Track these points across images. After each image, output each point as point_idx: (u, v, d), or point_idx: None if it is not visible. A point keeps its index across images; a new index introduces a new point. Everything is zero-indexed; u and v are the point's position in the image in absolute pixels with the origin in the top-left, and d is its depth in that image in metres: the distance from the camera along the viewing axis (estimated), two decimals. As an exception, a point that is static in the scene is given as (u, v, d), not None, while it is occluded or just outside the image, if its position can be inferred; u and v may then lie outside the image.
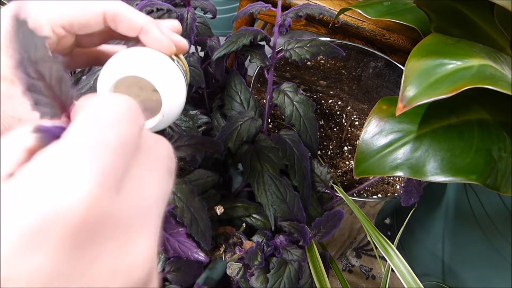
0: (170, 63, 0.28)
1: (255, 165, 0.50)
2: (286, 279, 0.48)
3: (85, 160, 0.13)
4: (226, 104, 0.57)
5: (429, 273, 0.78)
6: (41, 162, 0.13)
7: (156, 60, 0.28)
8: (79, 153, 0.13)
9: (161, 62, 0.28)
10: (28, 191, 0.12)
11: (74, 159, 0.13)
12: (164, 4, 0.51)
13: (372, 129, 0.44)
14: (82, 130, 0.14)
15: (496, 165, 0.41)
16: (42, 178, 0.13)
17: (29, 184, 0.13)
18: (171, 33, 0.29)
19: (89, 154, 0.14)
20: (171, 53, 0.29)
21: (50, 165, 0.13)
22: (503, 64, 0.39)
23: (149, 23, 0.27)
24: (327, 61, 0.78)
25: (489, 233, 0.63)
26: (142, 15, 0.28)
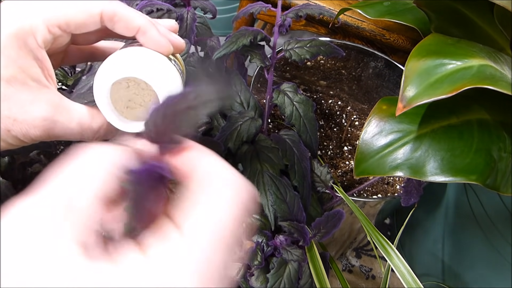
0: (167, 64, 0.28)
1: (255, 165, 0.50)
2: (286, 279, 0.48)
3: (203, 273, 0.16)
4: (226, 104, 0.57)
5: (429, 273, 0.78)
6: (159, 259, 0.16)
7: (153, 61, 0.27)
8: (197, 265, 0.16)
9: (158, 63, 0.28)
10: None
11: (191, 267, 0.16)
12: (164, 4, 0.51)
13: (372, 129, 0.44)
14: (205, 232, 0.17)
15: (496, 165, 0.41)
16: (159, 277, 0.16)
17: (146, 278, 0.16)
18: (168, 33, 0.29)
19: (211, 268, 0.17)
20: (169, 53, 0.29)
21: (167, 266, 0.16)
22: (503, 64, 0.39)
23: (147, 24, 0.27)
24: (327, 61, 0.78)
25: (489, 233, 0.63)
26: (139, 15, 0.27)
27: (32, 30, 0.24)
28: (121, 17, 0.27)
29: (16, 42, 0.24)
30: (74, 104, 0.27)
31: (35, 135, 0.25)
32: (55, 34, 0.26)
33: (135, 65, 0.27)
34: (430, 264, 0.78)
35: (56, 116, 0.25)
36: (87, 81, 0.54)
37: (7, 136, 0.24)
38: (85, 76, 0.54)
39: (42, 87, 0.25)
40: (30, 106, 0.24)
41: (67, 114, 0.26)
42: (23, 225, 0.16)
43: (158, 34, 0.28)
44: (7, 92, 0.24)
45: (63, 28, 0.26)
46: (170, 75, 0.28)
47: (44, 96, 0.25)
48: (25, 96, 0.24)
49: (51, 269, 0.15)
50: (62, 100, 0.26)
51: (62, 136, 0.26)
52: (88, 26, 0.27)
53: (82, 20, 0.26)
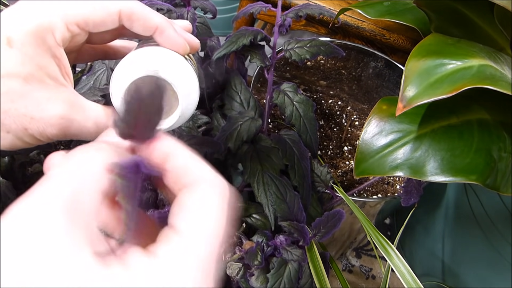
0: (185, 63, 0.28)
1: (255, 165, 0.50)
2: (286, 279, 0.48)
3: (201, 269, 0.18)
4: (226, 104, 0.57)
5: (429, 273, 0.78)
6: (164, 259, 0.17)
7: (172, 60, 0.27)
8: (197, 261, 0.18)
9: (177, 62, 0.28)
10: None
11: (191, 266, 0.18)
12: (164, 4, 0.51)
13: (372, 129, 0.44)
14: (201, 230, 0.18)
15: (496, 165, 0.41)
16: (163, 276, 0.17)
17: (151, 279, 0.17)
18: (184, 33, 0.29)
19: (205, 263, 0.18)
20: (185, 53, 0.29)
21: (170, 265, 0.17)
22: (503, 64, 0.39)
23: (164, 23, 0.27)
24: (327, 61, 0.78)
25: (489, 233, 0.63)
26: (157, 14, 0.27)
27: (51, 27, 0.24)
28: (139, 16, 0.27)
29: (35, 40, 0.24)
30: (90, 103, 0.26)
31: (51, 133, 0.24)
32: (74, 32, 0.26)
33: (155, 64, 0.26)
34: (430, 264, 0.78)
35: (72, 115, 0.25)
36: (87, 81, 0.54)
37: (23, 134, 0.24)
38: (85, 76, 0.54)
39: (59, 85, 0.25)
40: (47, 104, 0.24)
41: (83, 112, 0.26)
42: (29, 227, 0.16)
43: (175, 33, 0.28)
44: (24, 90, 0.23)
45: (81, 26, 0.26)
46: (188, 74, 0.28)
47: (61, 95, 0.25)
48: (42, 94, 0.24)
49: (65, 274, 0.15)
50: (78, 99, 0.26)
51: (78, 135, 0.26)
52: (106, 24, 0.26)
53: (100, 19, 0.26)
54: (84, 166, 0.18)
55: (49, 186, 0.18)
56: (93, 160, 0.19)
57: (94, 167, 0.18)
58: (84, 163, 0.18)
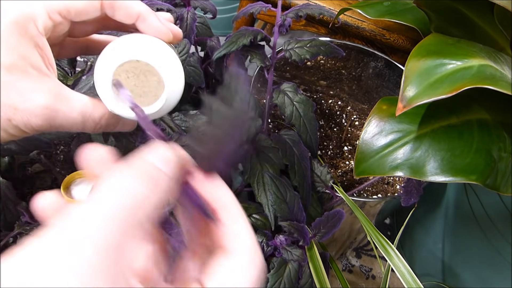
0: (169, 49, 0.28)
1: (255, 165, 0.50)
2: (286, 279, 0.48)
3: None
4: (226, 104, 0.57)
5: (429, 273, 0.78)
6: None
7: (156, 46, 0.27)
8: None
9: (161, 48, 0.28)
10: None
11: None
12: (164, 4, 0.51)
13: (372, 129, 0.44)
14: None
15: (496, 165, 0.41)
16: None
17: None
18: (166, 22, 0.29)
19: None
20: (169, 40, 0.29)
21: None
22: (503, 64, 0.39)
23: (147, 11, 0.27)
24: (327, 61, 0.78)
25: (489, 233, 0.63)
26: (139, 2, 0.27)
27: (33, 16, 0.24)
28: (121, 3, 0.26)
29: (17, 29, 0.23)
30: (75, 94, 0.26)
31: (36, 124, 0.24)
32: (56, 21, 0.25)
33: (139, 49, 0.26)
34: (430, 264, 0.78)
35: (57, 105, 0.25)
36: (87, 81, 0.54)
37: (8, 126, 0.23)
38: (85, 76, 0.54)
39: (43, 76, 0.25)
40: (31, 94, 0.24)
41: (68, 103, 0.25)
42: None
43: (158, 21, 0.28)
44: (8, 79, 0.23)
45: (63, 15, 0.26)
46: (173, 60, 0.28)
47: (45, 85, 0.24)
48: (25, 84, 0.24)
49: None
50: (63, 89, 0.26)
51: (63, 126, 0.25)
52: (88, 13, 0.26)
53: (82, 7, 0.26)
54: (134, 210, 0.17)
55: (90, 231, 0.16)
56: (144, 202, 0.17)
57: (146, 210, 0.17)
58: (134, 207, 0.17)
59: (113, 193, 0.16)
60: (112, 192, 0.16)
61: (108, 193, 0.16)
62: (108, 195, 0.16)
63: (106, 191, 0.16)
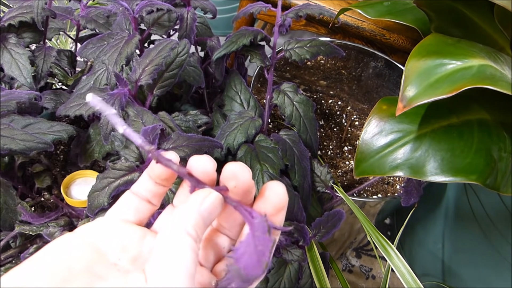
0: None
1: (255, 165, 0.50)
2: (286, 279, 0.48)
3: None
4: (226, 105, 0.57)
5: (429, 273, 0.78)
6: None
7: None
8: None
9: None
10: None
11: None
12: (164, 4, 0.51)
13: (372, 129, 0.44)
14: None
15: (496, 165, 0.41)
16: None
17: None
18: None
19: None
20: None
21: None
22: (503, 64, 0.39)
23: None
24: (327, 61, 0.78)
25: (489, 233, 0.63)
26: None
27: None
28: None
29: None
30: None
31: None
32: None
33: None
34: (430, 264, 0.78)
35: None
36: (87, 81, 0.54)
37: None
38: (85, 76, 0.54)
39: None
40: None
41: None
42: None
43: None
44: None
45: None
46: None
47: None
48: None
49: None
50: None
51: None
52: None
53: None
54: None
55: None
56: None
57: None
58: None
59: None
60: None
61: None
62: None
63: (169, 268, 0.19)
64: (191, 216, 0.21)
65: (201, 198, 0.22)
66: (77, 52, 0.58)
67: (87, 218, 0.49)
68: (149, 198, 0.26)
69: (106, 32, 0.57)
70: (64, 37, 0.99)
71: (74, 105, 0.48)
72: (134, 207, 0.26)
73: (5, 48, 0.54)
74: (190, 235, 0.20)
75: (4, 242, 0.47)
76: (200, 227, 0.21)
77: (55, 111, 0.51)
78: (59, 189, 0.53)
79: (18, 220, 0.48)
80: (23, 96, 0.47)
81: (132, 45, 0.48)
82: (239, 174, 0.23)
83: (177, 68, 0.50)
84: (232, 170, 0.23)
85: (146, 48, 0.57)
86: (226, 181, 0.24)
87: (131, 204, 0.26)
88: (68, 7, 0.63)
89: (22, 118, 0.48)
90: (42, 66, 0.57)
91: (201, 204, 0.22)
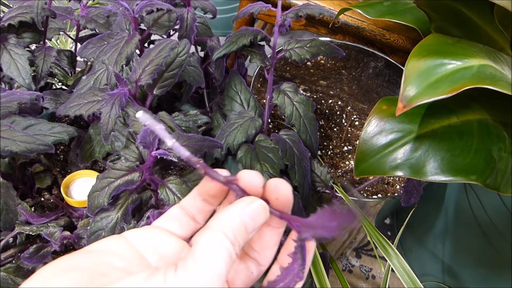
0: None
1: (255, 165, 0.50)
2: (286, 279, 0.48)
3: None
4: (226, 105, 0.57)
5: (429, 273, 0.78)
6: None
7: None
8: None
9: None
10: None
11: None
12: (164, 4, 0.51)
13: (372, 129, 0.44)
14: None
15: (496, 165, 0.41)
16: None
17: None
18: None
19: None
20: None
21: None
22: (503, 64, 0.39)
23: None
24: (327, 61, 0.78)
25: (489, 233, 0.63)
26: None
27: None
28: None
29: None
30: None
31: None
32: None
33: None
34: (430, 264, 0.78)
35: None
36: (87, 81, 0.54)
37: None
38: (85, 76, 0.54)
39: None
40: None
41: None
42: None
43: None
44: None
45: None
46: None
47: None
48: None
49: None
50: None
51: None
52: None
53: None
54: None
55: None
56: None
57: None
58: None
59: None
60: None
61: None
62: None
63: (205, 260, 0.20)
64: (232, 219, 0.21)
65: (245, 204, 0.22)
66: (77, 52, 0.58)
67: (87, 218, 0.49)
68: (194, 215, 0.27)
69: (106, 32, 0.58)
70: (64, 37, 0.99)
71: (74, 105, 0.48)
72: (179, 221, 0.26)
73: (4, 49, 0.54)
74: (227, 236, 0.20)
75: (4, 242, 0.47)
76: (240, 232, 0.21)
77: (55, 111, 0.51)
78: (59, 189, 0.53)
79: (18, 220, 0.48)
80: (24, 97, 0.47)
81: (132, 45, 0.48)
82: (281, 187, 0.24)
83: (177, 68, 0.50)
84: (275, 183, 0.24)
85: (146, 48, 0.57)
86: (268, 193, 0.25)
87: (176, 218, 0.26)
88: (68, 7, 0.63)
89: (23, 119, 0.48)
90: (42, 66, 0.57)
91: (243, 209, 0.22)
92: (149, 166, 0.43)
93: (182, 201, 0.27)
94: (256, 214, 0.22)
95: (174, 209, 0.27)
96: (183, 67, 0.50)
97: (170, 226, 0.26)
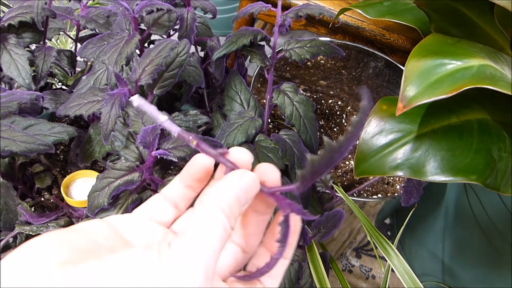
0: None
1: (255, 165, 0.50)
2: (286, 279, 0.48)
3: None
4: (226, 105, 0.57)
5: (429, 273, 0.78)
6: None
7: None
8: None
9: None
10: None
11: None
12: (164, 4, 0.51)
13: (372, 129, 0.44)
14: None
15: (496, 165, 0.41)
16: None
17: None
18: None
19: None
20: None
21: None
22: (503, 64, 0.39)
23: None
24: (327, 61, 0.78)
25: (489, 233, 0.63)
26: None
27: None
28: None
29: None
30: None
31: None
32: None
33: None
34: (430, 264, 0.78)
35: None
36: (87, 81, 0.54)
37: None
38: (85, 76, 0.54)
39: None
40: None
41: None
42: None
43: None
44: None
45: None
46: None
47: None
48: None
49: None
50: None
51: None
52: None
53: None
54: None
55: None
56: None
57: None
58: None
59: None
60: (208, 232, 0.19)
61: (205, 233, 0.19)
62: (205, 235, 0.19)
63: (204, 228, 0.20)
64: (226, 192, 0.21)
65: (237, 176, 0.22)
66: (77, 52, 0.58)
67: (87, 218, 0.49)
68: (177, 202, 0.27)
69: (106, 32, 0.57)
70: (64, 37, 0.99)
71: (74, 105, 0.48)
72: (160, 208, 0.26)
73: (4, 49, 0.54)
74: (223, 211, 0.20)
75: (4, 242, 0.47)
76: (235, 205, 0.21)
77: (55, 111, 0.51)
78: (59, 189, 0.53)
79: (18, 220, 0.48)
80: (24, 97, 0.47)
81: (132, 45, 0.48)
82: (269, 171, 0.24)
83: (177, 68, 0.50)
84: (264, 168, 0.24)
85: (146, 48, 0.57)
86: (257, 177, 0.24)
87: (158, 206, 0.26)
88: (68, 7, 0.63)
89: (23, 119, 0.48)
90: (42, 66, 0.57)
91: (237, 182, 0.22)
92: (149, 166, 0.43)
93: (164, 189, 0.27)
94: (248, 186, 0.22)
95: (156, 197, 0.27)
96: (183, 67, 0.50)
97: (152, 213, 0.26)
